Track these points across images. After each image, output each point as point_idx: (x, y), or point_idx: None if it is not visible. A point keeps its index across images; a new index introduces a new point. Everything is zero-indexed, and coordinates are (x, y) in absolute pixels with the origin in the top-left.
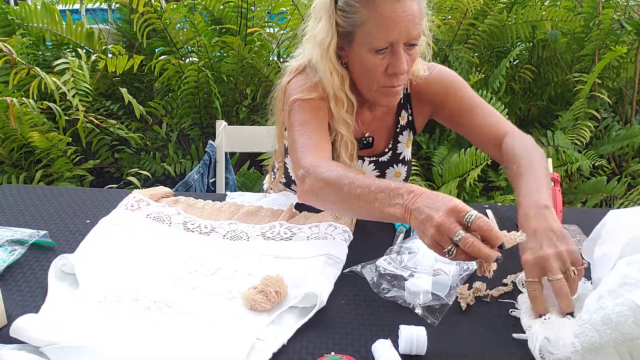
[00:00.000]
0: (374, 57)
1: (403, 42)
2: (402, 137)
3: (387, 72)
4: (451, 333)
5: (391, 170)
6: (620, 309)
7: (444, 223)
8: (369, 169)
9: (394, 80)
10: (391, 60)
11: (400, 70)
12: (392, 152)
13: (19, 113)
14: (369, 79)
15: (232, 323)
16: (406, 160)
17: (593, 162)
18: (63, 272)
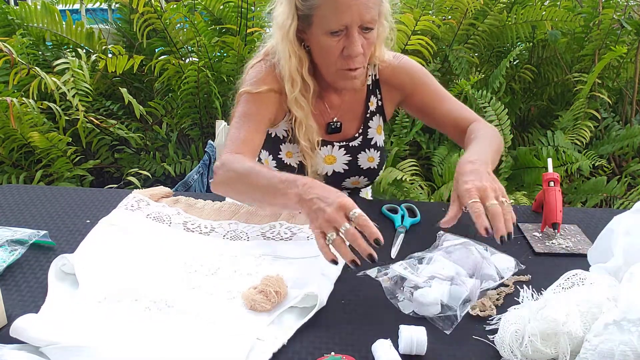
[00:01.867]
0: (330, 39)
1: (357, 25)
2: (373, 123)
3: (342, 55)
4: (451, 333)
5: (363, 155)
6: (624, 348)
7: (334, 216)
8: (340, 154)
9: (349, 62)
10: (346, 43)
11: (354, 53)
12: (363, 137)
13: (19, 113)
14: (327, 61)
15: (232, 323)
16: (378, 145)
17: (593, 162)
18: (63, 272)
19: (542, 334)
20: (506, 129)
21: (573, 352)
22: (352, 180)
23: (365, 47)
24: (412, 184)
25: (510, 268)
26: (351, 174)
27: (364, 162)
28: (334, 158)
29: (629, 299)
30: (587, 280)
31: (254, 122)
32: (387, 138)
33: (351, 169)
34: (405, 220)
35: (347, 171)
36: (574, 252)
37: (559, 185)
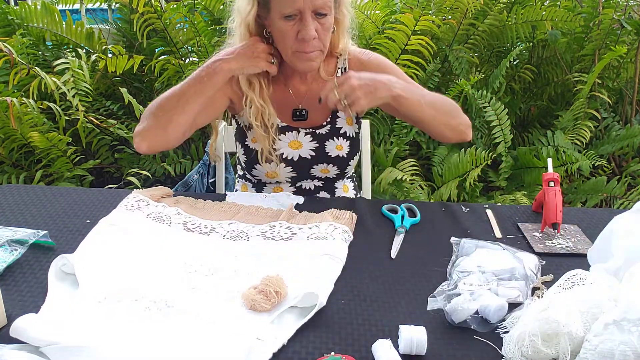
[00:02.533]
0: (285, 23)
1: (310, 10)
2: (342, 113)
3: (297, 38)
4: (451, 333)
5: (331, 143)
6: (624, 348)
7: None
8: (306, 140)
9: (304, 45)
10: (300, 27)
11: (307, 36)
12: (331, 126)
13: (19, 113)
14: (284, 45)
15: (232, 323)
16: (348, 135)
17: (593, 162)
18: (63, 272)
19: (542, 335)
20: (506, 129)
21: (573, 352)
22: (321, 167)
23: (320, 32)
24: (412, 184)
25: (536, 266)
26: (319, 161)
27: (332, 150)
28: (299, 143)
29: (629, 299)
30: (587, 280)
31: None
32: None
33: (318, 155)
34: (405, 220)
35: (314, 157)
36: (574, 252)
37: (559, 185)
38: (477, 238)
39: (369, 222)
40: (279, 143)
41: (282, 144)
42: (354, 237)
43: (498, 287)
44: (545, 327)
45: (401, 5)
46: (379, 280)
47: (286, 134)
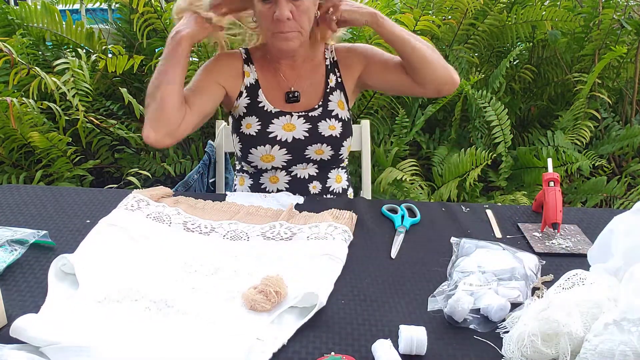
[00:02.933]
0: (263, 5)
1: None
2: (333, 97)
3: (274, 20)
4: (451, 333)
5: (324, 124)
6: (624, 348)
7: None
8: (299, 123)
9: (280, 25)
10: (275, 8)
11: (280, 16)
12: (323, 108)
13: (19, 113)
14: (265, 27)
15: (232, 323)
16: (341, 117)
17: (593, 162)
18: (63, 272)
19: (542, 335)
20: (506, 129)
21: (573, 352)
22: (315, 148)
23: (296, 14)
24: (412, 184)
25: (536, 265)
26: (313, 141)
27: (325, 130)
28: (293, 126)
29: (629, 299)
30: (587, 280)
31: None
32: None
33: (312, 135)
34: (405, 220)
35: (307, 138)
36: (574, 252)
37: (559, 185)
38: (477, 238)
39: (369, 222)
40: (272, 127)
41: (276, 127)
42: (354, 237)
43: (498, 287)
44: (545, 327)
45: (401, 5)
46: (379, 280)
47: (280, 118)
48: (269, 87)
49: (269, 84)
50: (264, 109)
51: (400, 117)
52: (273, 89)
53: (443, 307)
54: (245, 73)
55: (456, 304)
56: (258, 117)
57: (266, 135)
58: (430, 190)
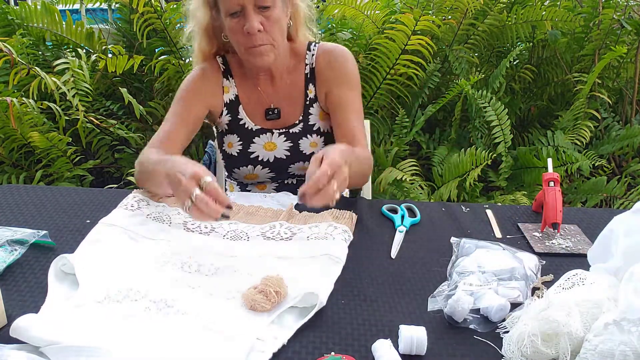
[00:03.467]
0: (231, 20)
1: (251, 4)
2: (313, 109)
3: (244, 33)
4: (451, 333)
5: (305, 141)
6: (624, 348)
7: (187, 185)
8: (280, 141)
9: (251, 39)
10: (244, 22)
11: (250, 29)
12: (304, 123)
13: (19, 113)
14: (236, 42)
15: (232, 323)
16: (322, 131)
17: (593, 162)
18: (63, 272)
19: (542, 335)
20: (506, 129)
21: (573, 352)
22: (298, 166)
23: (266, 25)
24: (412, 184)
25: (536, 265)
26: (294, 160)
27: (306, 148)
28: (274, 145)
29: (629, 299)
30: (587, 280)
31: (178, 122)
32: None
33: (293, 154)
34: (405, 220)
35: (289, 157)
36: (574, 252)
37: (559, 185)
38: (477, 238)
39: (369, 222)
40: (253, 146)
41: (257, 147)
42: (354, 237)
43: (498, 287)
44: (545, 327)
45: (401, 5)
46: (379, 280)
47: (260, 136)
48: (249, 103)
49: (248, 99)
50: (244, 126)
51: (400, 117)
52: (253, 104)
53: (443, 307)
54: (225, 89)
55: (456, 304)
56: (239, 136)
57: (248, 155)
58: (430, 190)
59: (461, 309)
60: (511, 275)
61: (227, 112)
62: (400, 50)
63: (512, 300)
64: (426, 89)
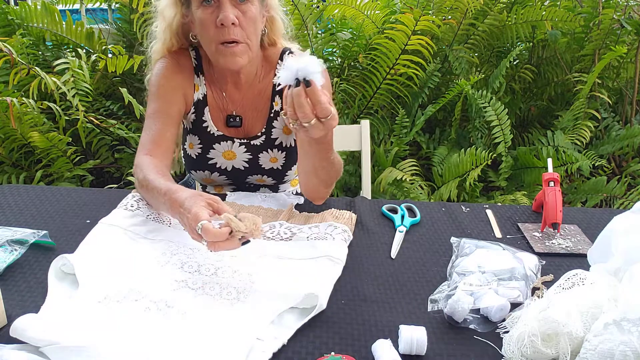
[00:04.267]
0: (204, 12)
1: None
2: (277, 123)
3: (217, 26)
4: (451, 333)
5: (265, 155)
6: (624, 348)
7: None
8: (240, 151)
9: (224, 32)
10: (219, 12)
11: (225, 20)
12: (266, 136)
13: (19, 113)
14: (207, 37)
15: (232, 323)
16: (285, 145)
17: (593, 162)
18: (63, 272)
19: (542, 335)
20: (506, 129)
21: (573, 352)
22: (256, 177)
23: (242, 20)
24: (412, 184)
25: (536, 266)
26: (252, 172)
27: (265, 162)
28: (233, 154)
29: (629, 299)
30: (587, 280)
31: (163, 118)
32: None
33: (252, 167)
34: (405, 220)
35: (247, 169)
36: (574, 252)
37: (559, 185)
38: (477, 238)
39: (369, 222)
40: (212, 152)
41: (216, 154)
42: (354, 237)
43: (498, 287)
44: (545, 327)
45: (401, 5)
46: (379, 280)
47: (221, 143)
48: (215, 106)
49: (215, 102)
50: (207, 129)
51: (400, 117)
52: (218, 108)
53: (443, 307)
54: (196, 86)
55: (456, 304)
56: (200, 139)
57: (206, 160)
58: (430, 190)
59: (461, 309)
60: (511, 275)
61: (194, 111)
62: (400, 50)
63: (512, 300)
64: (426, 89)
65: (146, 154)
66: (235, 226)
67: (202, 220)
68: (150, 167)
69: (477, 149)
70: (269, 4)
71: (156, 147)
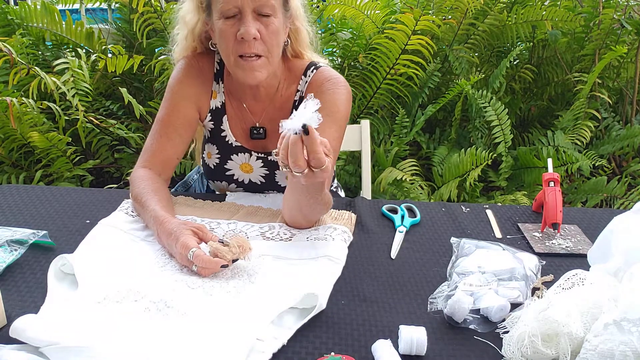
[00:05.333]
0: (224, 23)
1: (250, 8)
2: None
3: (237, 39)
4: (451, 333)
5: (282, 173)
6: (624, 348)
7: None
8: (257, 165)
9: (244, 46)
10: (240, 25)
11: (245, 34)
12: None
13: (19, 113)
14: (226, 49)
15: (232, 323)
16: None
17: (593, 162)
18: (62, 272)
19: (542, 335)
20: (506, 129)
21: (573, 352)
22: (273, 192)
23: (264, 34)
24: (412, 184)
25: (536, 266)
26: (268, 188)
27: (282, 180)
28: (250, 167)
29: (629, 299)
30: (587, 280)
31: (167, 129)
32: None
33: (268, 182)
34: (405, 220)
35: (263, 184)
36: (574, 252)
37: (559, 185)
38: (477, 238)
39: (369, 222)
40: (230, 163)
41: (234, 165)
42: (353, 237)
43: (498, 287)
44: (545, 327)
45: (401, 5)
46: (379, 281)
47: (238, 154)
48: (234, 116)
49: (234, 112)
50: (225, 139)
51: (400, 117)
52: (238, 119)
53: (443, 308)
54: (213, 93)
55: (456, 305)
56: (218, 148)
57: (223, 171)
58: (430, 190)
59: (461, 309)
60: (511, 275)
61: (211, 118)
62: (400, 50)
63: (512, 301)
64: (426, 89)
65: (144, 166)
66: (222, 256)
67: (192, 248)
68: (145, 183)
69: (477, 149)
70: (294, 15)
71: (155, 160)
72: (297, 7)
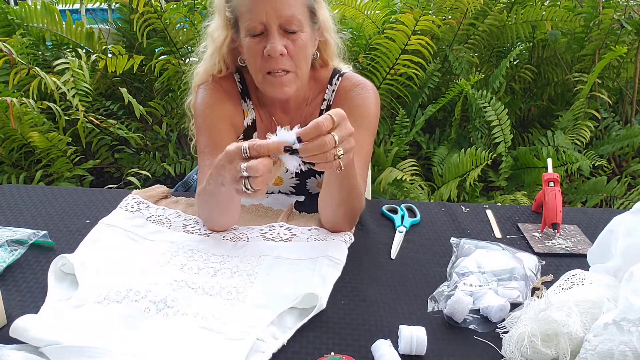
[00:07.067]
0: (251, 40)
1: (276, 24)
2: None
3: (264, 56)
4: (451, 333)
5: (313, 181)
6: (623, 348)
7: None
8: (287, 177)
9: (271, 63)
10: (267, 42)
11: (272, 51)
12: None
13: (19, 113)
14: (254, 65)
15: (232, 323)
16: None
17: (593, 162)
18: (63, 272)
19: (542, 335)
20: (506, 129)
21: (573, 352)
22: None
23: (291, 50)
24: (412, 184)
25: (536, 266)
26: (297, 194)
27: (312, 187)
28: (280, 180)
29: (629, 299)
30: (587, 280)
31: (216, 151)
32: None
33: (298, 191)
34: (405, 220)
35: (293, 193)
36: (574, 252)
37: (559, 185)
38: (477, 238)
39: (369, 222)
40: None
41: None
42: (354, 237)
43: (498, 287)
44: (545, 327)
45: (401, 5)
46: (379, 281)
47: None
48: (264, 130)
49: (264, 126)
50: None
51: (400, 117)
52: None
53: (443, 308)
54: (245, 112)
55: (456, 305)
56: None
57: None
58: (430, 190)
59: (461, 309)
60: (511, 275)
61: (244, 137)
62: (400, 50)
63: (512, 301)
64: (426, 89)
65: None
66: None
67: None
68: None
69: (477, 149)
70: (323, 27)
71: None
72: (326, 19)
